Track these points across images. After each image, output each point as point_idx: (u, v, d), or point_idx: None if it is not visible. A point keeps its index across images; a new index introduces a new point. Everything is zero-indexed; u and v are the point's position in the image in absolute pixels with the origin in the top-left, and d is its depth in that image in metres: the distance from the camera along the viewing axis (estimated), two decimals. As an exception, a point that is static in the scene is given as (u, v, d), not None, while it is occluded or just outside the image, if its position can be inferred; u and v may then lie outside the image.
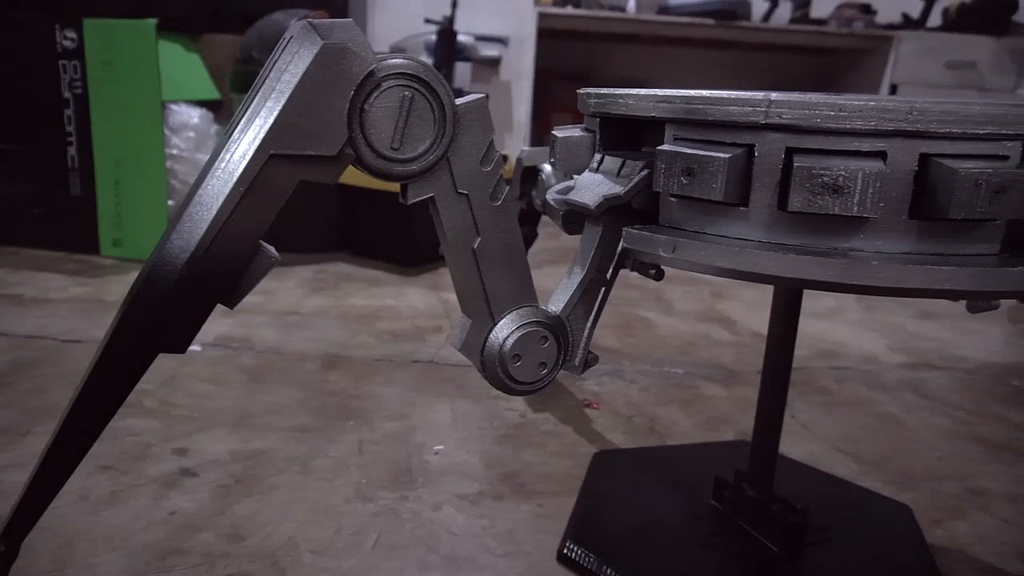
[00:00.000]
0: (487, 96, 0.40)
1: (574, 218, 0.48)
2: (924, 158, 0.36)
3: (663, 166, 0.40)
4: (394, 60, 0.37)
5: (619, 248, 0.46)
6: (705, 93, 0.40)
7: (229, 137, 0.37)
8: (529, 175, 0.68)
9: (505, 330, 0.44)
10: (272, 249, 0.38)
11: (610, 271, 0.47)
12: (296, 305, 1.23)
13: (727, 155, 0.38)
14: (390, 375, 0.94)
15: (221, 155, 0.36)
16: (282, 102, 0.36)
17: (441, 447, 0.77)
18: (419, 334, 1.11)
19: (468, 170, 0.41)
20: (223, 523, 0.61)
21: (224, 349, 1.01)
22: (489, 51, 2.41)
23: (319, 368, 0.96)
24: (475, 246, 0.42)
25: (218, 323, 1.10)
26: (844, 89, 2.82)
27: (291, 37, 0.38)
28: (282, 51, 0.37)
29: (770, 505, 0.61)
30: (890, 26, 2.64)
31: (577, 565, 0.58)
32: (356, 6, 2.36)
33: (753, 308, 1.38)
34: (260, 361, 0.97)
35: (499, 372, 0.44)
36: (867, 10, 2.69)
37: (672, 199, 0.42)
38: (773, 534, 0.59)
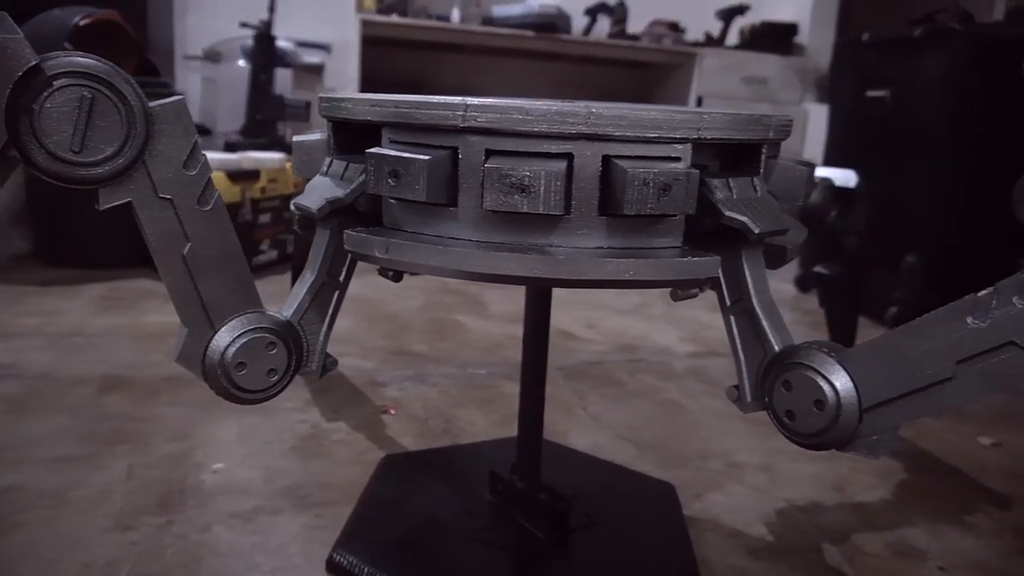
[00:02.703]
0: (184, 96, 0.38)
1: (308, 223, 0.48)
2: (607, 159, 0.39)
3: (372, 168, 0.41)
4: (67, 58, 0.35)
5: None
6: (414, 98, 0.41)
7: None
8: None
9: (226, 338, 0.43)
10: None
11: (342, 274, 0.47)
12: (80, 325, 1.13)
13: (427, 157, 0.39)
14: (176, 394, 0.90)
15: None
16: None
17: (221, 465, 0.74)
18: (217, 350, 1.06)
19: (169, 174, 0.39)
20: (-52, 569, 0.55)
21: (-16, 377, 0.91)
22: (311, 57, 2.35)
23: (95, 392, 0.89)
24: (185, 252, 0.40)
25: (-19, 349, 1.00)
26: (658, 101, 3.01)
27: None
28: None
29: (538, 495, 0.63)
30: (695, 43, 2.85)
31: (346, 572, 0.57)
32: (160, 6, 2.23)
33: (563, 308, 1.43)
34: (25, 388, 0.89)
35: (223, 381, 0.43)
36: (676, 28, 2.89)
37: (392, 201, 0.43)
38: (540, 523, 0.62)
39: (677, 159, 0.40)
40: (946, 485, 0.81)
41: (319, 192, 0.45)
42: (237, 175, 1.39)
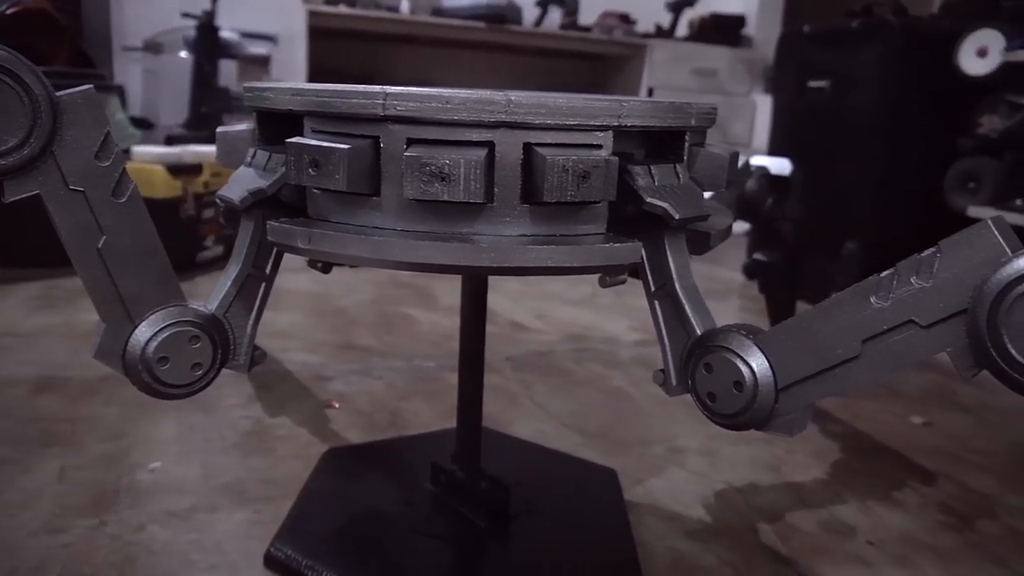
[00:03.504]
0: (94, 86, 0.38)
1: (233, 214, 0.47)
2: (528, 147, 0.40)
3: (292, 158, 0.40)
4: (-37, 46, 0.34)
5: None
6: (334, 87, 0.41)
7: None
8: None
9: (147, 332, 0.42)
10: None
11: (268, 266, 0.46)
12: (12, 325, 1.10)
13: (347, 146, 0.39)
14: (113, 394, 0.87)
15: None
16: None
17: (158, 464, 0.72)
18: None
19: (81, 165, 0.38)
20: None
21: (-91, 380, 0.88)
22: (257, 49, 2.31)
23: (26, 393, 0.87)
24: (99, 246, 0.40)
25: (-94, 351, 0.96)
26: (610, 92, 3.03)
27: None
28: None
29: (479, 484, 0.63)
30: (646, 35, 2.88)
31: (284, 566, 0.57)
32: (97, -5, 2.16)
33: (515, 299, 1.44)
34: (-48, 391, 0.86)
35: (144, 376, 0.42)
36: (626, 19, 2.91)
37: (316, 192, 0.43)
38: (481, 511, 0.62)
39: (599, 147, 0.41)
40: (878, 464, 0.84)
41: (242, 183, 0.44)
42: (178, 169, 1.36)
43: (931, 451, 0.88)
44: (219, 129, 0.48)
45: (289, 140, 0.41)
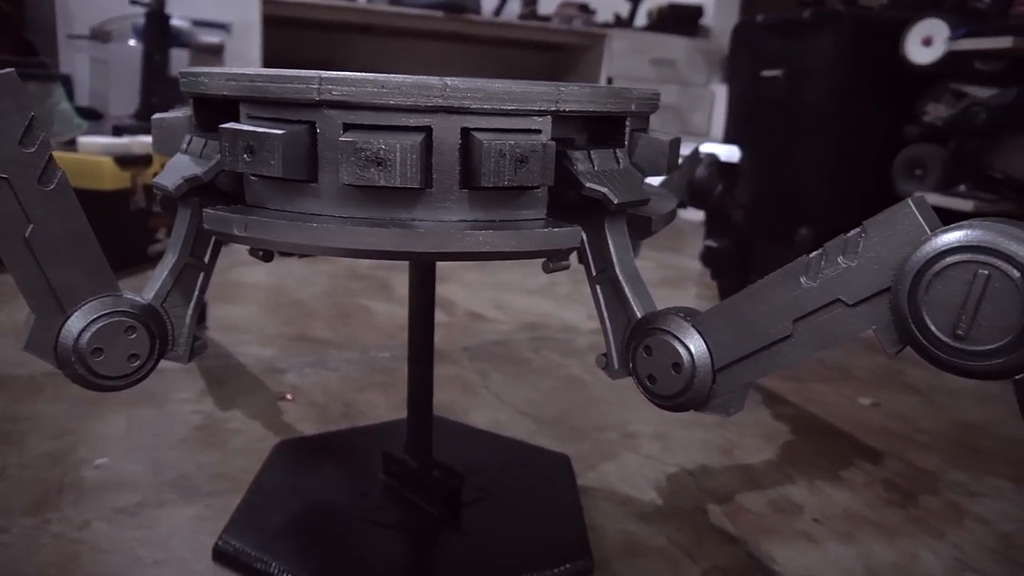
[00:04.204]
0: (14, 70, 0.36)
1: (170, 203, 0.46)
2: (467, 132, 0.40)
3: (227, 144, 0.40)
4: None
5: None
6: (269, 72, 0.40)
7: None
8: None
9: (79, 323, 0.41)
10: None
11: (207, 255, 0.45)
12: (-46, 322, 1.07)
13: (282, 131, 0.38)
14: (59, 391, 0.85)
15: None
16: None
17: (104, 460, 0.71)
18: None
19: (3, 152, 0.37)
20: None
21: None
22: (209, 37, 2.26)
23: (-33, 391, 0.84)
24: (27, 235, 0.39)
25: None
26: (569, 82, 3.04)
27: None
28: None
29: (431, 472, 0.63)
30: (605, 25, 2.89)
31: (232, 559, 0.56)
32: (40, -19, 2.09)
33: (473, 290, 1.44)
34: None
35: (78, 368, 0.41)
36: (585, 9, 2.92)
37: (253, 178, 0.42)
38: (433, 500, 0.62)
39: (537, 132, 0.41)
40: (827, 444, 0.85)
41: (177, 170, 0.43)
42: (126, 160, 1.33)
43: (878, 431, 0.90)
44: (155, 116, 0.47)
45: (223, 126, 0.40)
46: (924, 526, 0.69)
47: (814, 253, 0.36)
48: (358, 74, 0.39)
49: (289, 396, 0.87)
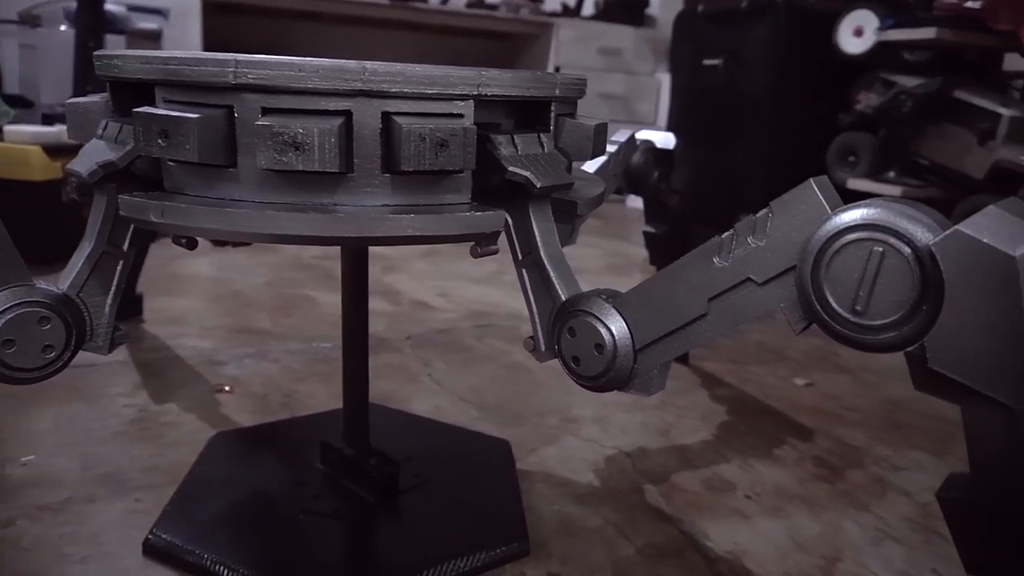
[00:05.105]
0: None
1: (86, 190, 0.45)
2: (387, 116, 0.39)
3: (141, 129, 0.39)
4: None
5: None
6: (183, 54, 0.40)
7: None
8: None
9: (-12, 314, 0.40)
10: None
11: (126, 243, 0.44)
12: None
13: (197, 115, 0.38)
14: (-16, 386, 0.82)
15: None
16: None
17: (31, 457, 0.69)
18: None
19: (-100, 136, 0.36)
20: None
21: None
22: (146, 23, 2.19)
23: None
24: (-72, 223, 0.37)
25: None
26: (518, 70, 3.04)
27: None
28: None
29: (368, 460, 0.63)
30: (553, 13, 2.89)
31: (164, 552, 0.55)
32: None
33: (420, 278, 1.43)
34: None
35: (-12, 361, 0.40)
36: (533, -2, 2.92)
37: (171, 164, 0.42)
38: (370, 487, 0.62)
39: (460, 116, 0.41)
40: (762, 424, 0.88)
41: (92, 156, 0.42)
42: (56, 150, 1.29)
43: (811, 410, 0.93)
44: (68, 100, 0.46)
45: (136, 110, 0.39)
46: (850, 499, 0.71)
47: (726, 234, 0.37)
48: (276, 57, 0.38)
49: (227, 388, 0.86)
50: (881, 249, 0.31)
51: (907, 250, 0.31)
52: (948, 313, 0.29)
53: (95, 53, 0.45)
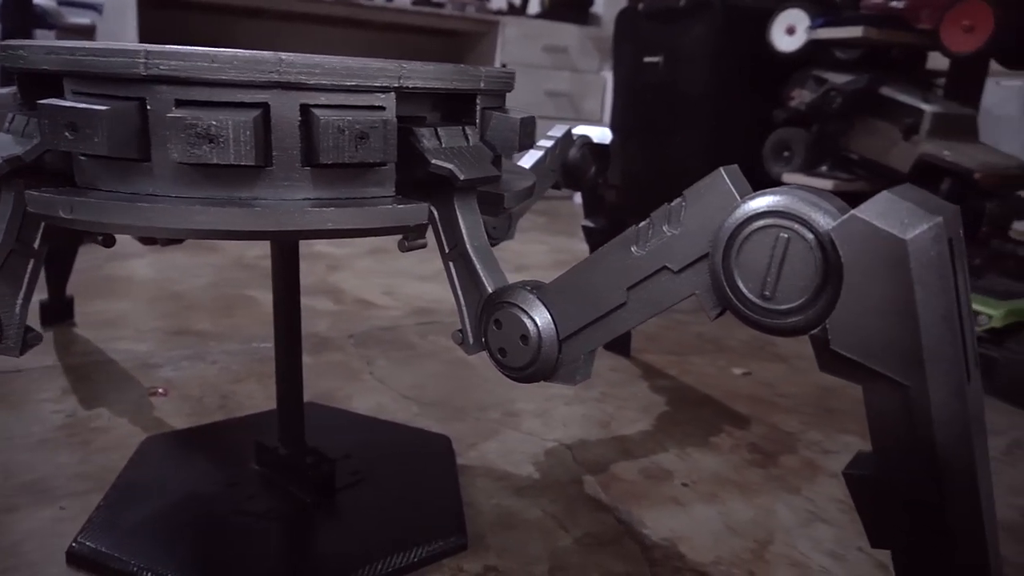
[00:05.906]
0: None
1: (-5, 186, 0.44)
2: (306, 109, 0.39)
3: (46, 122, 0.38)
4: None
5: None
6: (92, 44, 0.39)
7: None
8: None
9: None
10: None
11: (37, 240, 0.43)
12: None
13: (105, 108, 0.37)
14: (-101, 395, 0.79)
15: None
16: None
17: (-51, 467, 0.66)
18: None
19: None
20: None
21: None
22: (78, 18, 2.12)
23: None
24: None
25: None
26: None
27: None
28: None
29: (304, 459, 0.63)
30: (499, 11, 2.89)
31: (89, 560, 0.54)
32: None
33: (364, 276, 1.42)
34: None
35: None
36: (479, -5, 2.91)
37: (83, 158, 0.40)
38: (306, 486, 0.62)
39: (381, 108, 0.41)
40: (700, 413, 0.90)
41: (-2, 151, 0.41)
42: (-20, 148, 1.24)
43: (747, 398, 0.95)
44: (-27, 94, 0.44)
45: (41, 102, 0.38)
46: (782, 483, 0.73)
47: (643, 223, 0.37)
48: (188, 48, 0.38)
49: (161, 390, 0.84)
50: (787, 235, 0.32)
51: (810, 235, 0.32)
52: (847, 296, 0.30)
53: (0, 43, 0.43)
